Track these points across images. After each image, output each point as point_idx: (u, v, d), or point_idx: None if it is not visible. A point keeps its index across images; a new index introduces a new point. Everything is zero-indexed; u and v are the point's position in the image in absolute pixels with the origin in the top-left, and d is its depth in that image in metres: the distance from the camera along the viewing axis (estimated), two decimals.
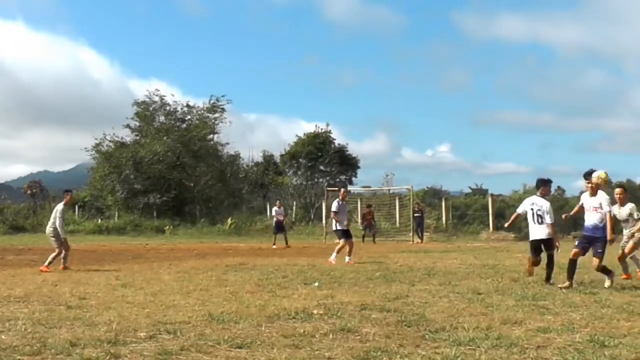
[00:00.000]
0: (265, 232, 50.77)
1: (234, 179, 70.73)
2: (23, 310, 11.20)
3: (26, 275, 17.74)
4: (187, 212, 63.64)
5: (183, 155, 63.74)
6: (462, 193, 71.58)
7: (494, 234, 44.88)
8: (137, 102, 66.69)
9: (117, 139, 65.74)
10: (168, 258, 26.05)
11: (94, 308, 11.41)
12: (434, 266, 17.93)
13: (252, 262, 22.53)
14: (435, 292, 13.57)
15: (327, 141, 71.65)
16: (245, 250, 32.44)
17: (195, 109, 67.28)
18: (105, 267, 20.65)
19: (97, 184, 65.37)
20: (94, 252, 29.90)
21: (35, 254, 27.84)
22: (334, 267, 20.18)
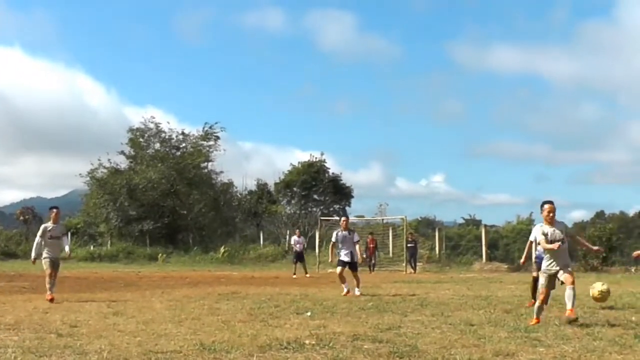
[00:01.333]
0: (258, 260, 50.73)
1: (228, 207, 70.73)
2: (13, 338, 11.14)
3: (17, 302, 17.67)
4: (180, 239, 63.60)
5: (177, 182, 63.79)
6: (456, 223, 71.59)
7: (487, 265, 44.83)
8: (131, 128, 66.85)
9: (112, 165, 65.79)
10: (160, 286, 25.98)
11: (85, 336, 11.35)
12: (427, 297, 17.91)
13: (245, 291, 22.47)
14: (427, 322, 13.54)
15: (322, 170, 71.76)
16: (238, 279, 32.36)
17: (190, 137, 67.43)
18: (97, 295, 20.58)
19: (90, 211, 65.31)
20: (85, 279, 29.82)
21: (26, 280, 27.77)
22: (327, 297, 20.14)
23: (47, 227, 19.17)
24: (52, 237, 19.18)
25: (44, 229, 19.15)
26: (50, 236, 19.15)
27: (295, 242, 36.80)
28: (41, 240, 19.13)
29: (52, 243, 19.21)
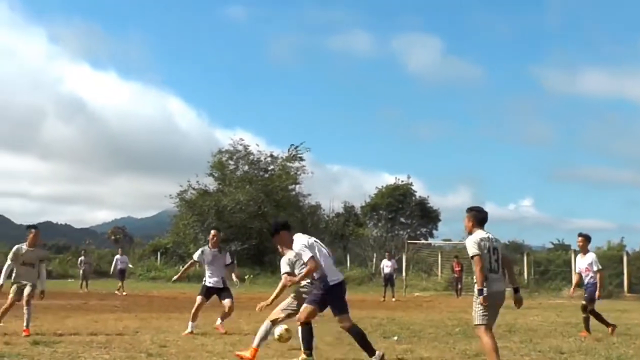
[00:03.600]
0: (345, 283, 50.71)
1: (315, 230, 70.74)
2: (104, 356, 11.34)
3: (108, 322, 17.94)
4: (267, 261, 63.79)
5: (265, 204, 64.08)
6: (544, 248, 70.37)
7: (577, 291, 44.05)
8: (220, 150, 67.47)
9: (201, 187, 66.51)
10: (247, 307, 26.05)
11: (174, 356, 11.49)
12: (515, 323, 17.70)
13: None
14: (516, 349, 13.38)
15: (408, 193, 71.57)
16: None
17: (278, 159, 67.77)
18: (185, 315, 20.71)
19: (179, 231, 65.99)
20: (174, 299, 30.17)
21: (117, 299, 28.16)
22: (414, 321, 20.04)
23: (20, 250, 15.40)
24: (24, 264, 15.38)
25: (16, 252, 15.41)
26: (23, 262, 15.37)
27: (385, 265, 36.63)
28: (12, 265, 15.42)
29: (25, 271, 15.42)
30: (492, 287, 9.91)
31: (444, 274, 50.56)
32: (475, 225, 10.29)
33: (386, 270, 35.94)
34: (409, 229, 72.12)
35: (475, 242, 9.98)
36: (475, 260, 9.87)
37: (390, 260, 36.67)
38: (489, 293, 9.84)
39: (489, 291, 9.84)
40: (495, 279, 10.02)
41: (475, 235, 10.14)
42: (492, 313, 10.05)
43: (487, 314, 9.90)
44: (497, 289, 10.01)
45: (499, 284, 10.13)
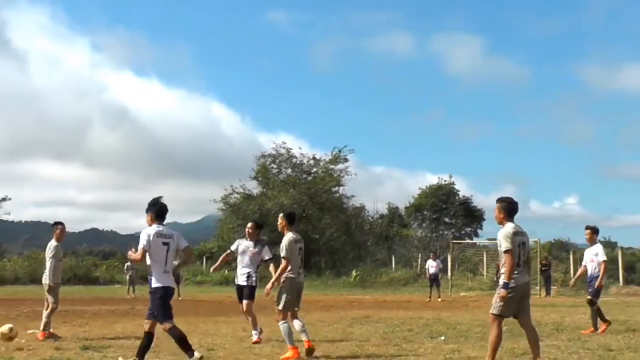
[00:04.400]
0: (390, 284, 50.62)
1: (359, 231, 70.78)
2: None
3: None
4: (312, 264, 63.78)
5: (309, 207, 64.14)
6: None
7: (624, 288, 43.73)
8: (263, 154, 67.70)
9: (244, 191, 66.74)
10: None
11: (222, 359, 11.55)
12: (562, 321, 17.60)
13: (378, 315, 22.50)
14: (564, 348, 13.31)
15: (451, 193, 71.32)
16: (370, 302, 32.39)
17: (321, 162, 67.79)
18: (232, 319, 20.84)
19: (224, 235, 66.17)
20: (220, 303, 30.29)
21: None
22: (460, 321, 19.99)
23: (59, 247, 15.77)
24: (61, 260, 15.89)
25: (57, 248, 15.69)
26: (60, 258, 15.86)
27: (430, 265, 36.52)
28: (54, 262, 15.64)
29: (61, 267, 15.95)
30: (518, 280, 10.11)
31: (489, 273, 50.29)
32: (505, 217, 10.39)
33: (431, 271, 35.81)
34: (454, 228, 71.86)
35: (508, 235, 10.11)
36: (508, 256, 9.99)
37: (435, 260, 36.51)
38: (515, 286, 10.05)
39: (514, 284, 10.03)
40: (520, 271, 10.19)
41: (508, 228, 10.24)
42: (515, 305, 10.23)
43: (505, 305, 10.11)
44: (522, 280, 10.23)
45: (524, 276, 10.33)
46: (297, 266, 12.85)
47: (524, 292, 10.41)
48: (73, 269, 58.10)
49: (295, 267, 12.83)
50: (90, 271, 58.69)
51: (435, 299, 33.95)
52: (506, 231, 10.16)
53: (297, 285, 12.96)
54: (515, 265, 10.06)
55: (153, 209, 10.78)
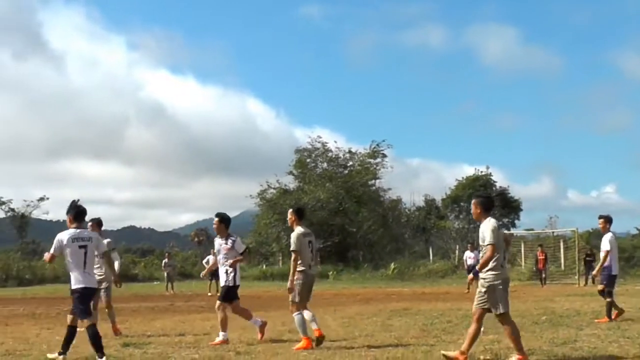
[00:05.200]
0: (428, 276, 50.53)
1: (396, 224, 70.73)
2: (194, 356, 11.50)
3: (195, 322, 18.16)
4: (350, 257, 63.88)
5: (345, 201, 64.16)
6: (629, 234, 69.32)
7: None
8: (298, 149, 67.79)
9: (281, 186, 66.87)
10: (332, 303, 26.22)
11: (262, 354, 11.61)
12: (602, 310, 17.46)
13: (416, 307, 22.47)
14: (604, 337, 13.24)
15: (488, 184, 71.05)
16: (408, 295, 32.36)
17: (357, 155, 67.77)
18: (270, 314, 20.90)
19: (261, 231, 66.37)
20: (259, 298, 30.37)
21: (203, 300, 28.48)
22: None
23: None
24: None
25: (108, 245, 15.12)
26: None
27: (468, 256, 36.37)
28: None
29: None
30: (504, 275, 10.48)
31: (527, 263, 50.07)
32: (482, 212, 10.61)
33: (469, 262, 35.62)
34: None
35: (494, 230, 10.35)
36: (490, 248, 10.23)
37: (473, 251, 36.30)
38: (502, 280, 10.38)
39: (502, 278, 10.37)
40: (504, 266, 10.57)
41: (493, 222, 10.48)
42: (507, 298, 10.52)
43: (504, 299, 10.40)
44: (507, 275, 10.65)
45: (506, 271, 10.76)
46: (307, 259, 13.01)
47: (508, 284, 10.70)
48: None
49: (305, 261, 12.99)
50: (129, 269, 58.99)
51: (474, 291, 33.79)
52: (492, 225, 10.38)
53: (308, 278, 13.07)
54: (502, 259, 10.37)
55: (72, 211, 11.13)
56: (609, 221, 17.48)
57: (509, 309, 10.42)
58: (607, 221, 17.43)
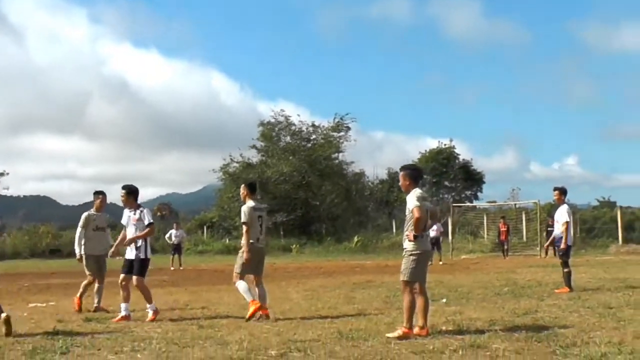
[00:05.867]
0: (391, 249, 50.68)
1: (360, 197, 70.81)
2: (157, 330, 11.47)
3: (158, 296, 18.09)
4: (313, 230, 63.93)
5: (309, 174, 64.13)
6: (590, 206, 69.91)
7: (624, 247, 43.79)
8: (262, 122, 67.53)
9: (244, 160, 66.64)
10: (296, 277, 26.28)
11: (225, 327, 11.60)
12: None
13: (380, 280, 22.55)
14: (565, 307, 13.36)
15: (451, 157, 71.39)
16: (372, 267, 32.46)
17: (320, 129, 67.63)
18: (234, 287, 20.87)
19: (224, 205, 66.18)
20: (222, 272, 30.32)
21: (166, 274, 28.41)
22: (461, 283, 20.09)
23: (91, 216, 15.62)
24: (97, 229, 15.64)
25: (87, 217, 15.56)
26: (96, 227, 15.62)
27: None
28: (83, 232, 15.66)
29: (96, 236, 15.62)
30: (425, 246, 10.63)
31: (490, 235, 50.42)
32: (411, 184, 10.70)
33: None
34: (454, 192, 72.11)
35: (417, 198, 10.42)
36: (416, 210, 10.28)
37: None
38: (423, 252, 10.52)
39: (422, 249, 10.50)
40: (425, 236, 10.71)
41: (417, 192, 10.55)
42: (424, 269, 10.70)
43: (416, 270, 10.47)
44: (427, 247, 10.81)
45: (427, 242, 10.95)
46: (256, 232, 13.43)
47: (428, 257, 11.11)
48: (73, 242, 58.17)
49: (254, 234, 13.40)
50: None
51: (436, 262, 33.98)
52: (415, 194, 10.45)
53: (255, 250, 13.37)
54: (423, 230, 10.42)
55: None
56: (564, 193, 17.66)
57: (415, 280, 10.43)
58: (562, 193, 17.59)
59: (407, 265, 10.40)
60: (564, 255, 17.23)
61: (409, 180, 10.72)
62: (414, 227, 10.24)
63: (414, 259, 10.36)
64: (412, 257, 10.36)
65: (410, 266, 10.37)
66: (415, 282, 10.41)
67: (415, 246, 10.34)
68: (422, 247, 10.39)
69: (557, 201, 17.77)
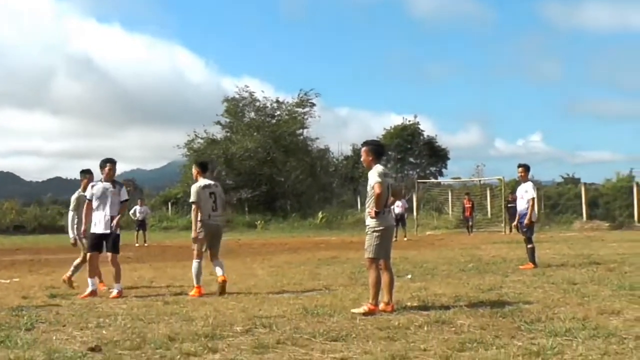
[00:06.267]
0: (356, 225, 50.79)
1: (324, 173, 70.82)
2: (122, 306, 11.43)
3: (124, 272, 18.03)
4: (278, 207, 63.92)
5: (273, 150, 64.03)
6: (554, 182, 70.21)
7: (588, 223, 44.14)
8: (227, 98, 67.23)
9: (208, 136, 66.39)
10: (261, 253, 26.28)
11: (190, 303, 11.59)
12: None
13: (345, 256, 22.61)
14: (529, 282, 13.45)
15: (416, 133, 71.50)
16: (337, 244, 32.51)
17: (284, 105, 67.47)
18: None
19: (189, 181, 65.91)
20: (187, 248, 30.17)
21: (130, 250, 28.26)
22: (426, 259, 20.17)
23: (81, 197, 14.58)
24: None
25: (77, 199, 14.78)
26: None
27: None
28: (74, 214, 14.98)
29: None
30: (388, 221, 10.67)
31: (454, 212, 50.63)
32: (374, 159, 10.68)
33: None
34: (419, 168, 72.31)
35: (379, 174, 10.36)
36: (377, 185, 10.26)
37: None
38: (386, 227, 10.56)
39: (385, 225, 10.52)
40: (387, 212, 10.72)
41: (378, 168, 10.52)
42: (388, 245, 10.75)
43: (379, 247, 10.51)
44: (390, 223, 10.90)
45: (390, 218, 10.98)
46: (208, 210, 13.40)
47: (392, 233, 11.03)
48: (38, 218, 57.90)
49: (206, 211, 13.39)
50: (55, 220, 58.37)
51: (401, 239, 34.07)
52: (377, 170, 10.43)
53: (208, 228, 13.40)
54: (383, 206, 10.38)
55: None
56: (528, 169, 17.83)
57: (380, 257, 10.49)
58: (527, 169, 17.76)
59: (371, 242, 10.40)
60: (527, 231, 17.34)
61: (371, 156, 10.67)
62: (375, 204, 10.24)
63: (377, 235, 10.36)
64: (376, 233, 10.37)
65: (374, 243, 10.38)
66: (380, 258, 10.42)
67: (377, 223, 10.34)
68: (384, 224, 10.39)
69: (521, 178, 17.88)
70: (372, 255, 10.41)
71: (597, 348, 7.37)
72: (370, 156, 10.67)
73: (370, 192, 10.39)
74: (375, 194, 10.17)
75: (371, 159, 10.62)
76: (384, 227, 10.42)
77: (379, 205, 10.20)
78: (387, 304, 10.25)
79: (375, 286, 10.32)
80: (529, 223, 17.27)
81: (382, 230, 10.37)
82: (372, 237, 10.38)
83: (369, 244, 10.43)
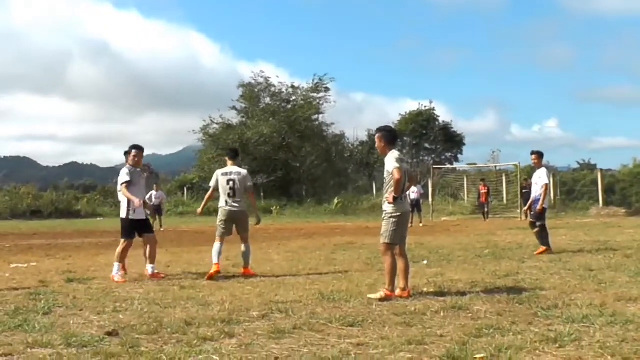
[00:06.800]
0: (372, 211, 50.77)
1: (340, 159, 70.83)
2: (138, 290, 11.45)
3: (140, 257, 18.02)
4: (293, 192, 63.97)
5: (289, 136, 64.05)
6: (570, 168, 70.00)
7: (604, 210, 43.94)
8: (242, 84, 67.27)
9: (224, 121, 66.43)
10: (276, 238, 26.27)
11: (207, 288, 11.59)
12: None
13: (360, 242, 22.59)
14: (546, 269, 13.41)
15: (432, 119, 71.33)
16: (352, 229, 32.49)
17: (300, 90, 67.42)
18: None
19: (204, 166, 66.06)
20: (203, 233, 30.29)
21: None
22: (442, 245, 20.13)
23: None
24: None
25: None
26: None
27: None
28: None
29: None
30: (404, 208, 10.59)
31: (470, 197, 50.56)
32: (387, 145, 10.65)
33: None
34: (434, 154, 72.17)
35: (397, 159, 10.31)
36: (395, 171, 10.19)
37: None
38: (402, 213, 10.49)
39: (402, 211, 10.47)
40: (404, 198, 10.64)
41: (395, 154, 10.48)
42: (404, 231, 10.69)
43: (396, 232, 10.48)
44: (407, 209, 10.76)
45: (407, 204, 10.87)
46: (224, 196, 14.00)
47: (408, 219, 10.95)
48: (54, 203, 58.06)
49: (223, 197, 14.06)
50: (72, 205, 58.64)
51: (417, 225, 34.02)
52: (394, 156, 10.38)
53: (225, 213, 13.99)
54: (401, 192, 10.34)
55: None
56: (542, 156, 17.80)
57: (396, 243, 10.45)
58: (540, 156, 17.72)
59: (387, 227, 10.37)
60: (535, 216, 17.33)
61: (384, 142, 10.64)
62: (394, 189, 10.19)
63: (394, 221, 10.33)
64: (392, 219, 10.33)
65: (390, 228, 10.35)
66: (396, 244, 10.40)
67: (395, 208, 10.31)
68: (401, 209, 10.36)
69: (535, 165, 17.83)
70: (388, 240, 10.39)
71: (614, 335, 7.34)
72: (384, 142, 10.63)
73: (388, 177, 10.35)
74: (395, 179, 10.13)
75: (384, 145, 10.59)
76: (401, 212, 10.38)
77: (398, 191, 10.17)
78: (403, 289, 10.24)
79: (391, 272, 10.31)
80: (541, 210, 17.23)
81: (399, 216, 10.34)
82: (389, 223, 10.36)
83: (385, 230, 10.41)
